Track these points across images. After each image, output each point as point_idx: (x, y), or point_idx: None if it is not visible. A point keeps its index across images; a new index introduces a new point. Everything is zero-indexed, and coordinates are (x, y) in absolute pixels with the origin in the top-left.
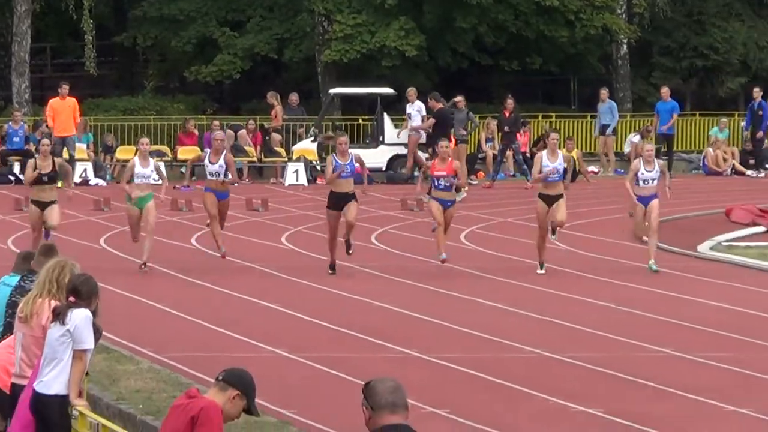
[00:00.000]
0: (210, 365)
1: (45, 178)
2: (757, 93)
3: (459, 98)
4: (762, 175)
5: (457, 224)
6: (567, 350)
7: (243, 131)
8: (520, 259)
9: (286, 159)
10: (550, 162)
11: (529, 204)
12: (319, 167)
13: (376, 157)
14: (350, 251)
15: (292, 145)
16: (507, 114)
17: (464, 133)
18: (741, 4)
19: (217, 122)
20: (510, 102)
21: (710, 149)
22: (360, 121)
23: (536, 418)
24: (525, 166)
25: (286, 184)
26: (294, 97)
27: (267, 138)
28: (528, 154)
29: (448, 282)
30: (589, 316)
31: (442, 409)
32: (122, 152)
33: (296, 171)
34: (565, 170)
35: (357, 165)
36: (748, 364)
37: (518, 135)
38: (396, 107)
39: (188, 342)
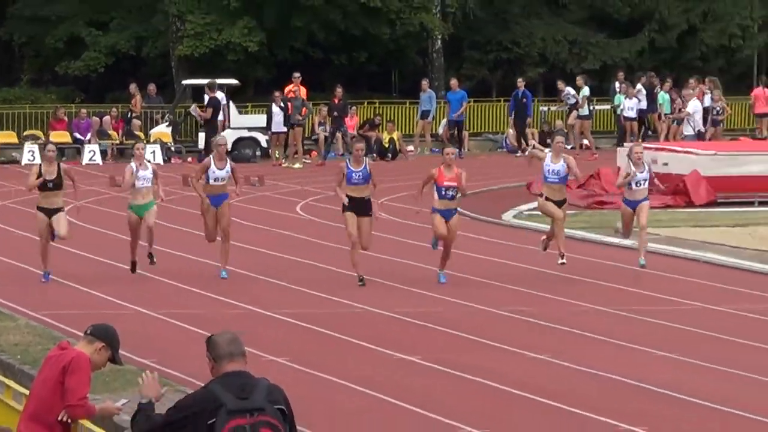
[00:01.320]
0: (79, 321)
1: (50, 185)
2: (520, 83)
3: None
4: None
5: (293, 197)
6: (392, 307)
7: (107, 117)
8: None
9: (145, 141)
10: (553, 164)
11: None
12: (173, 148)
13: None
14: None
15: (150, 129)
16: (336, 101)
17: (300, 118)
18: (540, 4)
19: (84, 110)
20: (339, 91)
21: (511, 130)
22: None
23: (361, 365)
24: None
25: None
26: (152, 87)
27: (128, 123)
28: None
29: (289, 248)
30: (409, 275)
31: (282, 357)
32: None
33: (153, 152)
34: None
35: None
36: (544, 316)
37: (346, 119)
38: (240, 97)
39: (60, 301)
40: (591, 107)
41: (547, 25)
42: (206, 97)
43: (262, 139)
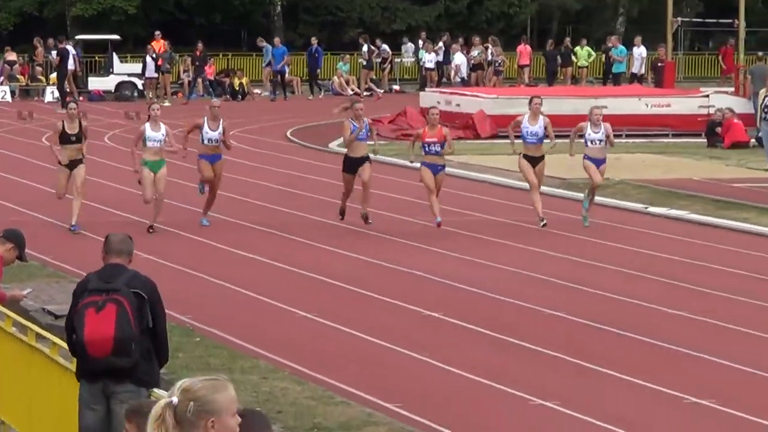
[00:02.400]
0: None
1: (73, 138)
2: (314, 41)
3: (163, 42)
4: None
5: None
6: (242, 216)
7: (17, 65)
8: None
9: (45, 84)
10: (530, 125)
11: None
12: (68, 89)
13: (108, 83)
14: (369, 221)
15: (49, 74)
16: (198, 53)
17: (168, 66)
18: None
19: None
20: (200, 45)
21: (336, 78)
22: (96, 58)
23: (224, 265)
24: (211, 89)
25: (45, 101)
26: (51, 42)
27: (32, 69)
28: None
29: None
30: (244, 189)
31: (153, 255)
32: None
33: (52, 92)
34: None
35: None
36: (355, 222)
37: (206, 68)
38: (122, 49)
39: None
40: (371, 59)
41: None
42: (63, 49)
43: (139, 82)
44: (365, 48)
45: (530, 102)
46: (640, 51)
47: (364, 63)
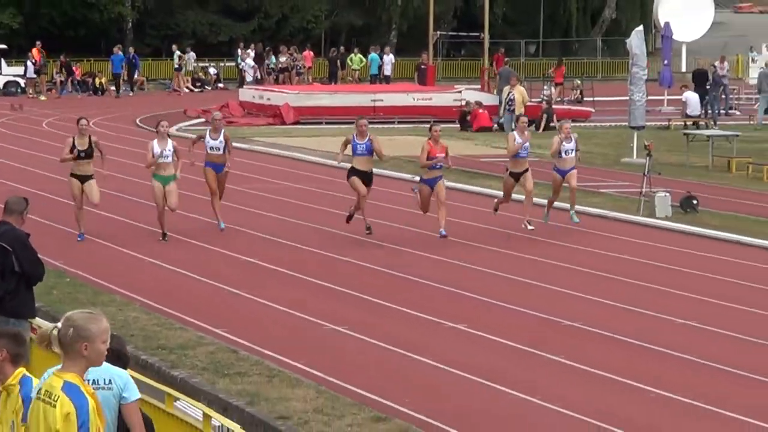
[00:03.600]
0: None
1: (82, 154)
2: (131, 50)
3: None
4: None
5: (42, 117)
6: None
7: None
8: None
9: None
10: (520, 139)
11: (82, 107)
12: None
13: None
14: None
15: None
16: (66, 59)
17: (43, 69)
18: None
19: None
20: (63, 55)
21: (175, 78)
22: None
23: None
24: (78, 87)
25: None
26: None
27: None
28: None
29: (37, 146)
30: (112, 166)
31: (44, 218)
32: None
33: None
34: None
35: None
36: (197, 189)
37: (74, 69)
38: (9, 56)
39: None
40: (184, 64)
41: (196, 13)
42: None
43: (21, 81)
44: (177, 54)
45: (517, 120)
46: (389, 58)
47: (176, 66)
